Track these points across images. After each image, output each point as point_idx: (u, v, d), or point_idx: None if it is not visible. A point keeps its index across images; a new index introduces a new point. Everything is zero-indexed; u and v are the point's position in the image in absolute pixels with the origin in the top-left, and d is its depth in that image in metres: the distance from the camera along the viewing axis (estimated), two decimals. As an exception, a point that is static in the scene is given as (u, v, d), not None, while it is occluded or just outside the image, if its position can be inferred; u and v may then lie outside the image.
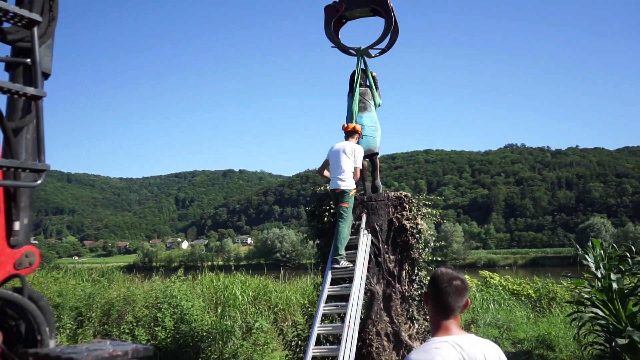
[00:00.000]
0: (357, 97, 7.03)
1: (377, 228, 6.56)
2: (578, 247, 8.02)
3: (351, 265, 6.09)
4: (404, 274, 6.56)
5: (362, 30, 8.32)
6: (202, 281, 13.40)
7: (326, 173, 6.79)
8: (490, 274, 16.75)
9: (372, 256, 6.42)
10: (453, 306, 2.17)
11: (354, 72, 7.20)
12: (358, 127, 6.66)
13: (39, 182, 2.33)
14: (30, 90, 2.29)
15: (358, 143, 6.67)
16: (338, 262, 6.07)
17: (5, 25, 2.39)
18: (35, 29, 2.37)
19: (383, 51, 7.37)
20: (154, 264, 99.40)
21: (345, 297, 5.78)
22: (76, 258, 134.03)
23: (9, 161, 2.23)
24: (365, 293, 6.05)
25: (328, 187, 6.68)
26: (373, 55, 7.36)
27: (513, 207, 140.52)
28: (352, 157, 6.38)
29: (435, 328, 2.19)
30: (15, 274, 2.41)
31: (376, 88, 7.32)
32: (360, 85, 7.16)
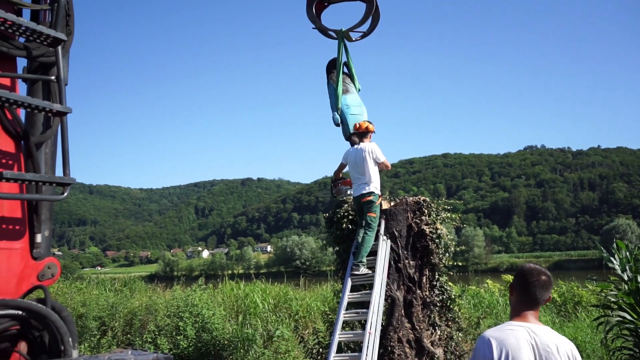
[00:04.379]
0: (341, 79, 6.93)
1: (397, 234, 6.51)
2: (603, 249, 7.84)
3: (370, 271, 6.06)
4: (424, 280, 6.50)
5: (344, 16, 8.20)
6: (223, 290, 13.46)
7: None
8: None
9: (392, 262, 6.37)
10: (539, 299, 2.39)
11: (331, 61, 7.13)
12: (371, 126, 6.60)
13: (65, 195, 2.38)
14: (57, 107, 2.34)
15: (362, 129, 6.59)
16: (358, 269, 6.04)
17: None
18: (60, 47, 2.43)
19: (364, 35, 7.26)
20: (175, 273, 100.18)
21: (365, 304, 5.75)
22: (99, 268, 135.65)
23: (38, 175, 2.28)
24: (385, 299, 6.01)
25: (350, 193, 6.62)
26: (354, 39, 7.24)
27: (535, 210, 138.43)
28: (373, 159, 6.33)
29: (515, 314, 2.41)
30: (39, 285, 2.45)
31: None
32: (331, 76, 7.07)
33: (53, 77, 2.43)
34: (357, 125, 6.62)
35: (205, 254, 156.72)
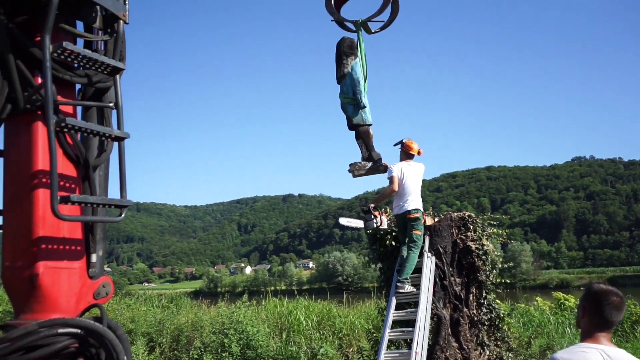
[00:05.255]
0: (365, 65, 6.52)
1: (441, 250, 6.41)
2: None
3: (415, 289, 5.97)
4: (471, 298, 6.35)
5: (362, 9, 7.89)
6: (266, 306, 13.50)
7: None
8: (565, 295, 15.82)
9: (437, 279, 6.26)
10: (612, 321, 2.32)
11: (340, 43, 6.51)
12: (422, 151, 6.57)
13: (122, 216, 2.49)
14: (117, 132, 2.46)
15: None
16: (402, 287, 5.96)
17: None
18: (118, 76, 2.56)
19: (384, 26, 6.98)
20: (219, 289, 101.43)
21: (411, 322, 5.66)
22: (146, 284, 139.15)
23: (101, 198, 2.40)
24: (431, 318, 5.90)
25: (377, 227, 6.39)
26: (373, 30, 7.01)
27: (585, 224, 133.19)
28: (421, 178, 6.33)
29: (587, 336, 2.34)
30: (95, 304, 2.55)
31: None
32: (351, 57, 6.43)
33: (112, 104, 2.55)
34: (420, 151, 6.53)
35: (248, 270, 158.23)
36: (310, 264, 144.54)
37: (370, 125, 6.24)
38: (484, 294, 6.45)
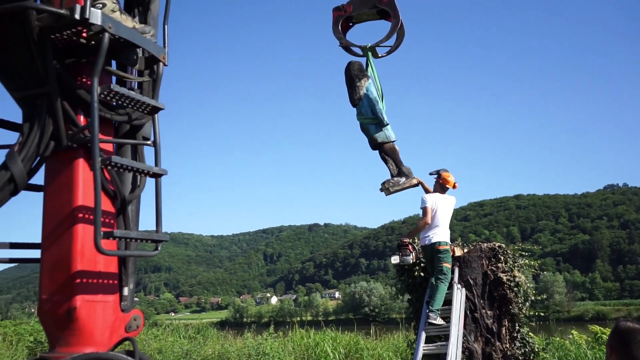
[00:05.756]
0: (380, 86, 6.61)
1: (472, 282, 6.29)
2: None
3: (445, 322, 5.86)
4: (504, 331, 6.19)
5: (368, 34, 8.05)
6: (293, 338, 13.37)
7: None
8: (602, 328, 15.22)
9: (468, 312, 6.13)
10: None
11: (349, 67, 6.67)
12: (457, 184, 6.57)
13: (158, 251, 2.55)
14: (155, 169, 2.55)
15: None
16: (432, 319, 5.85)
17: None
18: (157, 115, 2.66)
19: (390, 51, 7.12)
20: (245, 319, 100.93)
21: (441, 356, 5.53)
22: (172, 314, 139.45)
23: (141, 233, 2.47)
24: (463, 352, 5.76)
25: (410, 262, 6.38)
26: (380, 55, 7.14)
27: (620, 253, 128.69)
28: (452, 211, 6.33)
29: None
30: (127, 337, 2.59)
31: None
32: (364, 80, 6.57)
33: (150, 142, 2.64)
34: (455, 185, 6.56)
35: (274, 300, 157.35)
36: (337, 294, 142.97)
37: (394, 141, 6.37)
38: (517, 327, 6.28)
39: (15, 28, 2.21)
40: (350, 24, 7.44)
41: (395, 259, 6.86)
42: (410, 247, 6.27)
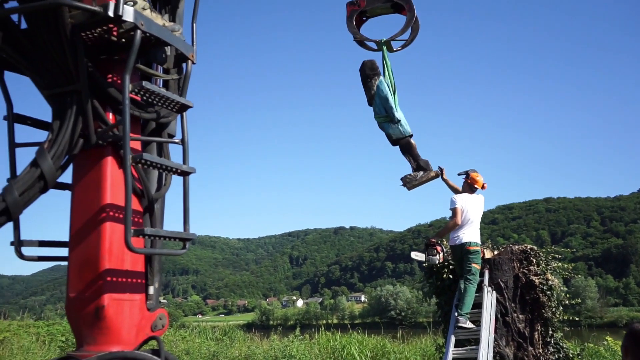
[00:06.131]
0: (392, 79, 6.55)
1: (502, 285, 6.14)
2: None
3: (475, 326, 5.72)
4: (536, 336, 6.01)
5: (382, 29, 7.85)
6: (319, 340, 13.32)
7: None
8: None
9: (499, 316, 5.98)
10: None
11: (362, 67, 6.66)
12: (486, 185, 6.47)
13: (186, 249, 2.53)
14: (184, 167, 2.53)
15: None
16: (462, 323, 5.72)
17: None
18: (185, 113, 2.65)
19: (404, 45, 7.01)
20: (271, 322, 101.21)
21: (472, 361, 5.40)
22: (200, 316, 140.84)
23: (171, 232, 2.45)
24: (493, 356, 5.61)
25: (438, 264, 6.31)
26: (395, 49, 7.04)
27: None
28: (482, 211, 6.23)
29: None
30: (152, 336, 2.57)
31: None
32: (375, 78, 6.56)
33: (178, 140, 2.63)
34: (484, 185, 6.48)
35: (300, 303, 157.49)
36: (362, 298, 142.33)
37: (410, 136, 6.31)
38: (550, 332, 6.10)
39: (48, 25, 2.22)
40: (364, 18, 7.41)
41: (416, 255, 6.82)
42: (438, 247, 6.18)
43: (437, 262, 6.23)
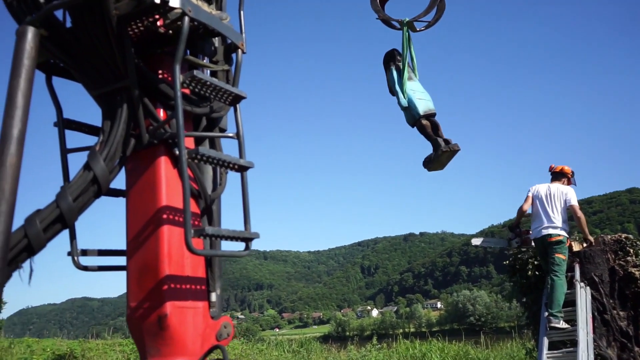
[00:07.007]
0: (406, 66, 6.25)
1: (597, 279, 5.57)
2: None
3: (569, 325, 5.21)
4: (642, 334, 5.39)
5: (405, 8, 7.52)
6: (398, 349, 12.94)
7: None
8: None
9: (596, 313, 5.42)
10: None
11: (388, 52, 6.50)
12: (567, 168, 5.99)
13: (250, 250, 2.33)
14: (242, 162, 2.34)
15: (557, 170, 5.97)
16: (555, 323, 5.22)
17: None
18: (239, 105, 2.48)
19: (428, 25, 6.61)
20: (347, 333, 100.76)
21: (570, 365, 4.89)
22: (277, 330, 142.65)
23: (232, 231, 2.24)
24: (595, 359, 5.07)
25: (530, 236, 5.93)
26: (418, 29, 6.65)
27: None
28: (565, 200, 5.69)
29: None
30: (217, 345, 2.40)
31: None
32: (398, 60, 6.36)
33: (232, 134, 2.47)
34: (553, 166, 6.18)
35: (375, 312, 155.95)
36: (438, 304, 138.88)
37: (421, 117, 6.00)
38: (658, 330, 5.44)
39: (94, 18, 2.12)
40: None
41: (476, 241, 6.60)
42: (517, 231, 5.94)
43: (515, 245, 6.04)
